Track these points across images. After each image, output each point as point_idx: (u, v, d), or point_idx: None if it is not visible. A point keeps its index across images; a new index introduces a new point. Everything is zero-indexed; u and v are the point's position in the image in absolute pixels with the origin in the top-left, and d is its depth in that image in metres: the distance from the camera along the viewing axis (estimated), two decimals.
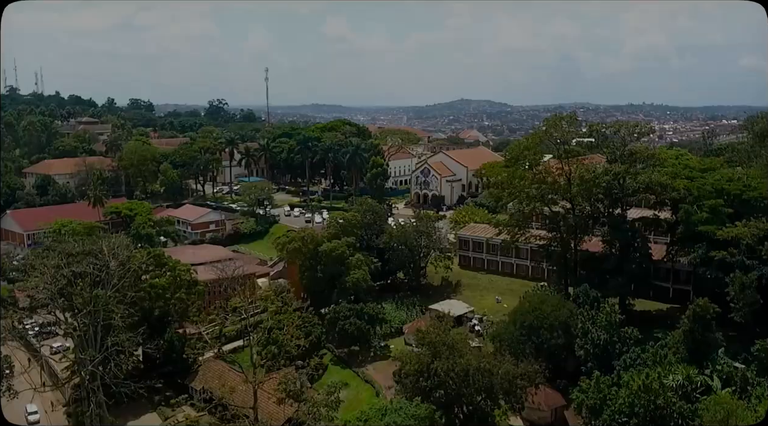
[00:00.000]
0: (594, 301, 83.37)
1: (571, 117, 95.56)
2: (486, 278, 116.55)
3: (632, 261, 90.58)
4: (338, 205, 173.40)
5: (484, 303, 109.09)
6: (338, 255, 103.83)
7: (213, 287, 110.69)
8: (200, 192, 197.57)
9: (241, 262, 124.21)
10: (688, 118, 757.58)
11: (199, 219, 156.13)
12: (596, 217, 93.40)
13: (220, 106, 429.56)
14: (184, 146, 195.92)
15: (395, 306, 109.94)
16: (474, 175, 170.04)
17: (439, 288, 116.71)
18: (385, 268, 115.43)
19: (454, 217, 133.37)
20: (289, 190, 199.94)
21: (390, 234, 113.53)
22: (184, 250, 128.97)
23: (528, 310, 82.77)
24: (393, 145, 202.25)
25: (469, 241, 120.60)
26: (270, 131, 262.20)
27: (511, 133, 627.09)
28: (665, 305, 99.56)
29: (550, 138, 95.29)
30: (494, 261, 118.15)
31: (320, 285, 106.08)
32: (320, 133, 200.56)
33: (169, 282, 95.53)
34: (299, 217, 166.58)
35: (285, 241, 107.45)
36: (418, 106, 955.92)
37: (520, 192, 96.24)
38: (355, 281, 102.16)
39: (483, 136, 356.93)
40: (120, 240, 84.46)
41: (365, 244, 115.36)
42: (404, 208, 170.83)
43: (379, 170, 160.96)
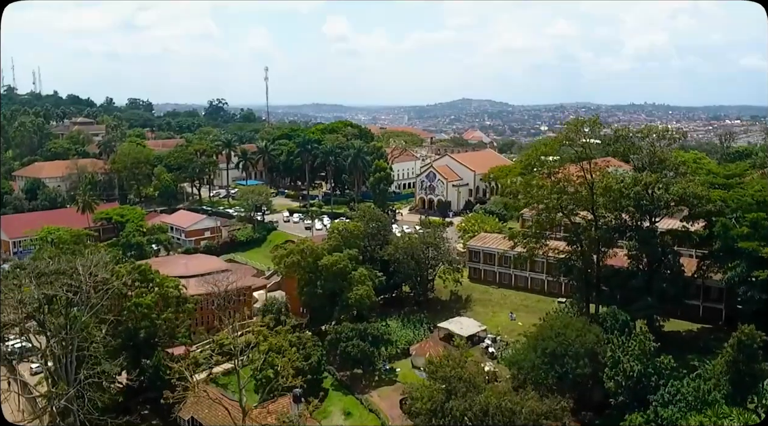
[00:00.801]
0: (623, 326, 74.82)
1: (594, 121, 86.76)
2: (498, 293, 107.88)
3: (662, 279, 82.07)
4: (339, 210, 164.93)
5: (497, 320, 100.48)
6: (340, 269, 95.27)
7: (205, 303, 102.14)
8: (196, 196, 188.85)
9: (236, 273, 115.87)
10: (691, 118, 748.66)
11: (194, 226, 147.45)
12: (622, 229, 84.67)
13: (219, 105, 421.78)
14: (179, 148, 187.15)
15: (401, 323, 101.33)
16: (481, 180, 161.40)
17: (447, 303, 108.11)
18: (390, 281, 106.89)
19: (463, 226, 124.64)
20: (288, 195, 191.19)
21: (395, 245, 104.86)
22: (176, 261, 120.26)
23: (551, 335, 74.07)
24: (396, 147, 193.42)
25: (480, 253, 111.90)
26: (269, 132, 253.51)
27: (512, 133, 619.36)
28: (695, 325, 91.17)
29: (571, 143, 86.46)
30: (507, 274, 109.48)
31: (320, 301, 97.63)
32: (321, 135, 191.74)
33: (156, 300, 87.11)
34: (299, 223, 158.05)
35: (282, 254, 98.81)
36: (419, 105, 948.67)
37: (538, 202, 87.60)
38: (358, 298, 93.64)
39: (486, 137, 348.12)
40: (98, 257, 75.78)
41: (368, 256, 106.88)
42: (409, 214, 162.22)
43: (383, 174, 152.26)
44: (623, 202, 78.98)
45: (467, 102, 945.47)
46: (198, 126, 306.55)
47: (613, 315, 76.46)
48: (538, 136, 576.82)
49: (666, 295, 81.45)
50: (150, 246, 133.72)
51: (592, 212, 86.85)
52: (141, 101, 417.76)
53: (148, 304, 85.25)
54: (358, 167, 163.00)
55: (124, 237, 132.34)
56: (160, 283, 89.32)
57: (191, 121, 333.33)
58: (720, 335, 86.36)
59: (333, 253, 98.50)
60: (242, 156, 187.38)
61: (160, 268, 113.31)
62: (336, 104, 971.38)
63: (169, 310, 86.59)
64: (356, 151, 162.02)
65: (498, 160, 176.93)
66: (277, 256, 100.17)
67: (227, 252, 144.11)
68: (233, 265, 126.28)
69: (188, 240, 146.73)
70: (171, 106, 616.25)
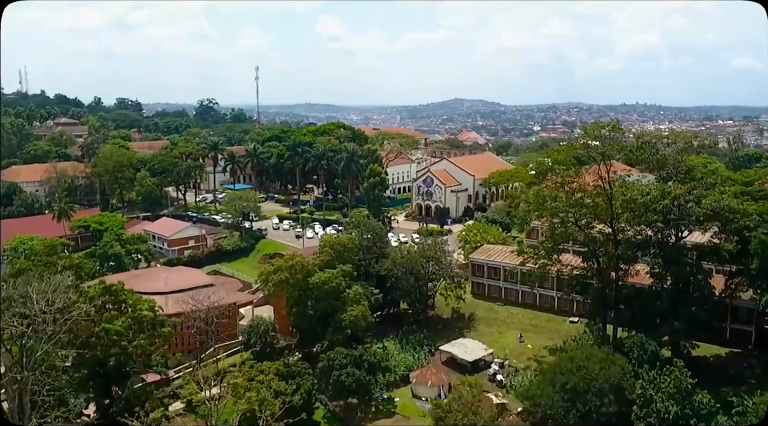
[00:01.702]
0: (653, 357, 66.03)
1: (614, 125, 77.76)
2: (504, 311, 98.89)
3: (691, 301, 73.38)
4: (332, 217, 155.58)
5: (503, 342, 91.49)
6: (332, 288, 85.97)
7: (186, 323, 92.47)
8: (182, 201, 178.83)
9: (221, 288, 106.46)
10: (683, 118, 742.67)
11: (176, 234, 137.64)
12: (644, 245, 75.81)
13: (210, 105, 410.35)
14: (163, 151, 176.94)
15: (399, 345, 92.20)
16: (481, 185, 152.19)
17: (449, 322, 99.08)
18: (387, 298, 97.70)
19: (464, 236, 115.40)
20: (278, 199, 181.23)
21: (393, 260, 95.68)
22: (156, 275, 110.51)
23: (571, 368, 65.08)
24: (391, 150, 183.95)
25: (484, 267, 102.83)
26: (259, 133, 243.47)
27: (505, 133, 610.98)
28: (723, 350, 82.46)
29: (589, 150, 77.52)
30: (513, 290, 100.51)
31: (311, 322, 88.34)
32: (312, 137, 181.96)
33: (128, 324, 77.56)
34: (289, 230, 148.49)
35: (269, 270, 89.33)
36: (412, 105, 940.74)
37: (553, 215, 78.70)
38: (352, 320, 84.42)
39: (481, 138, 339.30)
40: (57, 281, 66.09)
41: (363, 271, 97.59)
42: (405, 221, 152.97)
43: (377, 180, 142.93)
44: (650, 217, 70.07)
45: (459, 102, 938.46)
46: (186, 127, 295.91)
47: (641, 344, 67.64)
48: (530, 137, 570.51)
49: (695, 320, 72.78)
50: (129, 257, 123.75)
51: (610, 226, 78.08)
52: (129, 101, 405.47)
53: (119, 330, 75.77)
54: (352, 172, 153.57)
55: (101, 248, 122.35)
56: (133, 304, 79.76)
57: (180, 121, 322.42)
58: (752, 361, 78.32)
59: (325, 269, 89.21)
60: (229, 159, 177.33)
61: (138, 283, 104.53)
62: (328, 104, 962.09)
63: (141, 336, 76.97)
64: (349, 155, 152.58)
65: (498, 163, 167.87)
66: (263, 273, 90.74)
67: (212, 262, 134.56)
68: (218, 278, 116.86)
69: (171, 249, 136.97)
70: (162, 105, 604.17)
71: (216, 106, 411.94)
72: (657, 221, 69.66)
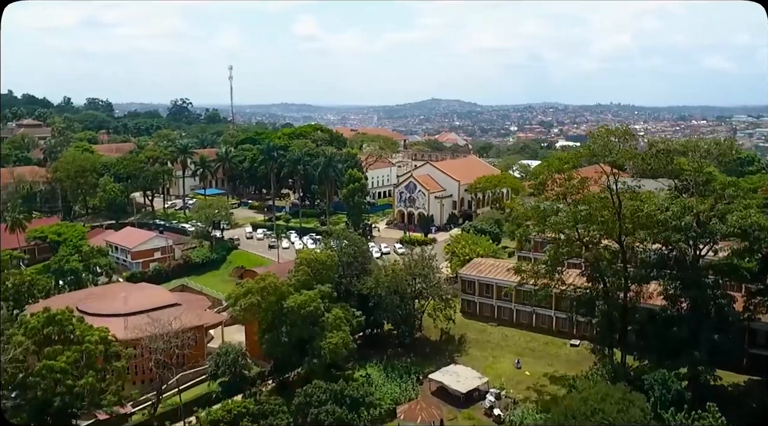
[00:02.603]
0: (678, 397, 57.26)
1: (626, 130, 69.00)
2: (497, 332, 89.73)
3: (712, 328, 64.75)
4: (309, 225, 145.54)
5: (499, 368, 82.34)
6: (309, 313, 76.14)
7: (146, 349, 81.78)
8: (149, 208, 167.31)
9: (188, 307, 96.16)
10: (657, 118, 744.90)
11: (141, 246, 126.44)
12: (660, 265, 67.15)
13: (183, 105, 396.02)
14: (128, 156, 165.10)
15: (383, 372, 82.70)
16: (466, 191, 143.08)
17: (438, 344, 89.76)
18: (370, 318, 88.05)
19: (451, 248, 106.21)
20: (252, 206, 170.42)
21: (376, 279, 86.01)
22: (116, 294, 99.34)
23: (585, 411, 55.95)
24: (371, 154, 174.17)
25: (475, 283, 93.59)
26: (233, 134, 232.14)
27: (482, 134, 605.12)
28: (741, 377, 74.00)
29: (598, 158, 68.67)
30: (507, 309, 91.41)
31: (286, 350, 78.45)
32: (288, 141, 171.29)
33: (75, 359, 67.19)
34: (263, 240, 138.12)
35: (238, 293, 79.04)
36: (389, 105, 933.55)
37: (556, 231, 69.74)
38: (332, 348, 74.72)
39: (462, 140, 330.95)
40: None
41: (343, 289, 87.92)
42: (386, 229, 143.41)
43: (357, 185, 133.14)
44: (669, 235, 61.32)
45: (436, 102, 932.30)
46: (157, 128, 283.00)
47: (663, 381, 58.79)
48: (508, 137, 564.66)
49: (717, 349, 64.24)
50: (86, 273, 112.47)
51: (619, 243, 69.32)
52: (100, 101, 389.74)
53: (63, 367, 65.44)
54: (330, 177, 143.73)
55: (56, 262, 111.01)
56: (80, 336, 69.29)
57: (151, 122, 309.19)
58: None
59: (301, 290, 79.37)
60: (200, 163, 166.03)
61: (94, 304, 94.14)
62: (305, 104, 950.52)
63: (90, 372, 66.50)
64: (327, 160, 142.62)
65: (483, 168, 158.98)
66: (231, 295, 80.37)
67: (180, 276, 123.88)
68: (184, 296, 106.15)
69: (135, 262, 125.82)
70: (137, 105, 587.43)
71: (190, 106, 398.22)
72: (679, 241, 60.95)
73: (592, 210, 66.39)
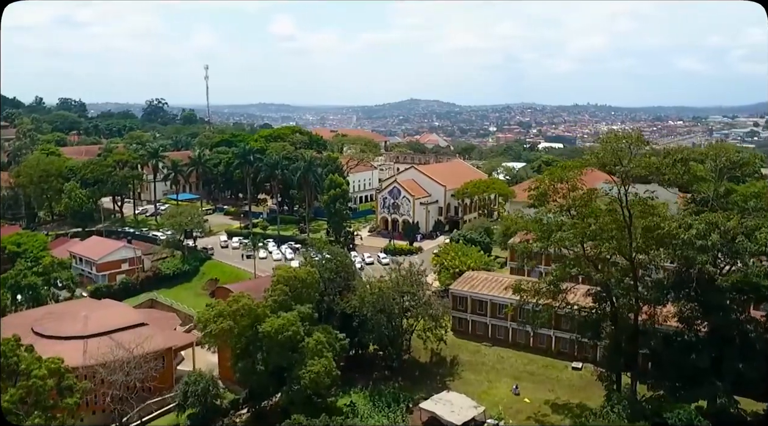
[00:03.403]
0: None
1: (638, 136, 61.95)
2: (492, 353, 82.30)
3: (737, 355, 57.96)
4: (287, 232, 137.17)
5: (495, 394, 74.85)
6: (288, 338, 68.10)
7: (107, 376, 73.07)
8: (119, 214, 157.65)
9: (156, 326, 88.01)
10: (634, 118, 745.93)
11: (107, 257, 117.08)
12: (679, 287, 60.20)
13: (159, 106, 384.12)
14: (95, 160, 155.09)
15: (370, 401, 74.84)
16: (453, 196, 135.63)
17: (428, 367, 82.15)
18: (354, 339, 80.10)
19: (440, 260, 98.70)
20: (227, 211, 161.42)
21: (361, 297, 78.18)
22: (76, 312, 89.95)
23: None
24: (352, 158, 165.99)
25: (467, 299, 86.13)
26: (208, 136, 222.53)
27: (462, 134, 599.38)
28: (760, 405, 67.10)
29: (607, 165, 61.59)
30: (502, 327, 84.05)
31: (261, 379, 70.33)
32: (265, 143, 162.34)
33: (21, 397, 58.56)
34: (239, 248, 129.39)
35: (208, 316, 70.58)
36: (368, 105, 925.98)
37: (562, 247, 62.55)
38: (314, 377, 66.75)
39: (443, 141, 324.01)
40: None
41: (325, 307, 80.00)
42: (369, 237, 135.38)
43: (338, 191, 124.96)
44: (692, 255, 54.28)
45: (415, 102, 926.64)
46: (130, 129, 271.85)
47: (688, 422, 51.70)
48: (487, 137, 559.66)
49: (743, 379, 57.48)
50: (46, 289, 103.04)
51: (630, 261, 62.26)
52: (73, 101, 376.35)
53: (7, 407, 56.81)
54: (309, 182, 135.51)
55: (13, 277, 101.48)
56: (26, 369, 60.53)
57: (124, 123, 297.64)
58: None
59: (278, 312, 71.30)
60: (172, 167, 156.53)
61: (52, 324, 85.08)
62: (283, 104, 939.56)
63: (36, 413, 57.89)
64: (307, 164, 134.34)
65: (469, 171, 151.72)
66: (201, 319, 71.85)
67: (149, 289, 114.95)
68: (152, 313, 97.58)
69: (101, 275, 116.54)
70: (111, 105, 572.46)
71: (165, 106, 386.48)
72: (706, 263, 53.97)
73: (602, 225, 59.16)
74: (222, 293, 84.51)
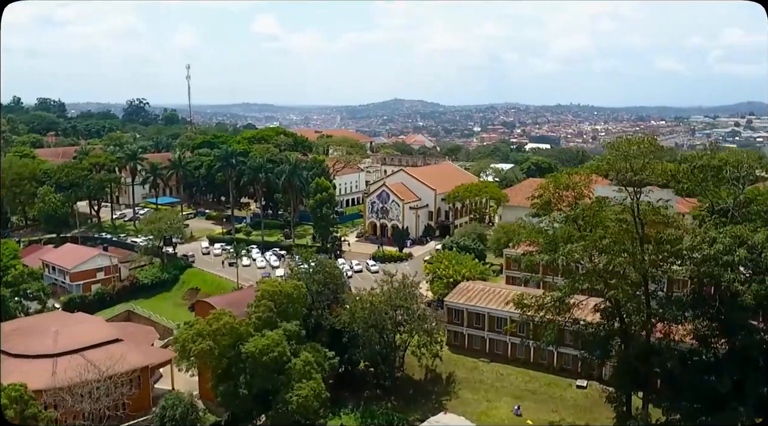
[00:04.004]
0: None
1: (650, 141, 57.13)
2: (491, 370, 77.15)
3: (761, 378, 53.28)
4: (272, 238, 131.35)
5: (495, 415, 69.88)
6: (273, 359, 62.55)
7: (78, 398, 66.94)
8: (96, 219, 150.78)
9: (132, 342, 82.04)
10: (616, 118, 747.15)
11: (81, 266, 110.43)
12: (697, 305, 55.48)
13: (140, 105, 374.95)
14: (70, 163, 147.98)
15: (361, 423, 69.60)
16: (443, 200, 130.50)
17: (423, 385, 76.90)
18: (344, 355, 74.68)
19: (432, 268, 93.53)
20: (209, 216, 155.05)
21: (351, 312, 72.83)
22: (45, 328, 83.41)
23: None
24: (338, 160, 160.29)
25: (463, 313, 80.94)
26: (190, 137, 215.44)
27: (446, 134, 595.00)
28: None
29: (617, 171, 56.72)
30: (500, 342, 78.93)
31: (245, 404, 64.67)
32: (248, 145, 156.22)
33: None
34: (221, 255, 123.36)
35: (186, 336, 64.82)
36: (352, 105, 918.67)
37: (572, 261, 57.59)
38: (302, 402, 61.27)
39: (429, 142, 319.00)
40: None
41: (313, 322, 74.48)
42: (357, 242, 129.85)
43: (325, 195, 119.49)
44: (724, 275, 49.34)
45: (399, 102, 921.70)
46: (110, 130, 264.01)
47: None
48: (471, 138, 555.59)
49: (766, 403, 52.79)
50: (17, 300, 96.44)
51: (643, 276, 57.39)
52: (52, 101, 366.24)
53: None
54: (295, 186, 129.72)
55: None
56: None
57: (103, 124, 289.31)
58: None
59: (262, 330, 65.70)
60: (150, 170, 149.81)
61: (19, 343, 78.51)
62: (266, 104, 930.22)
63: None
64: (292, 167, 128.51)
65: (459, 174, 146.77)
66: (179, 339, 66.05)
67: (126, 299, 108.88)
68: (127, 327, 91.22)
69: (74, 284, 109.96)
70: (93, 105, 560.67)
71: (147, 106, 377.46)
72: (733, 280, 49.13)
73: (615, 236, 54.26)
74: (202, 308, 78.58)
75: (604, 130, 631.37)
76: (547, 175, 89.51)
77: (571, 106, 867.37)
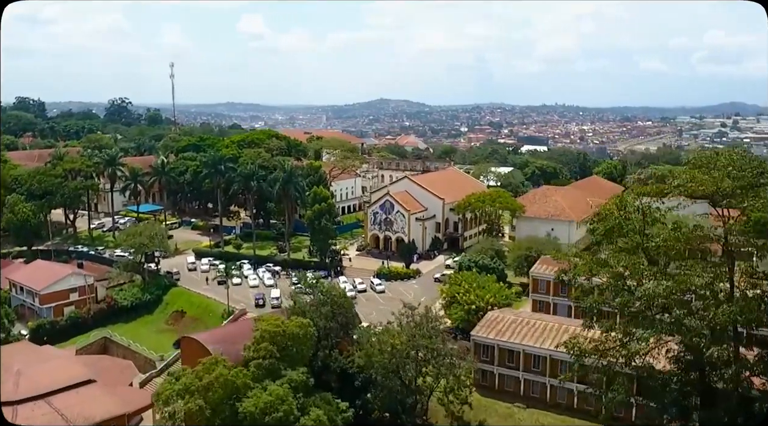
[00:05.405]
0: None
1: (743, 155, 45.99)
2: (528, 417, 65.50)
3: None
4: (264, 251, 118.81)
5: None
6: (278, 420, 50.40)
7: None
8: (71, 230, 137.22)
9: (106, 381, 70.11)
10: (602, 119, 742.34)
11: (52, 287, 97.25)
12: None
13: (122, 105, 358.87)
14: (43, 169, 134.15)
15: None
16: (452, 210, 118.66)
17: None
18: (356, 401, 62.70)
19: (451, 292, 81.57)
20: (195, 225, 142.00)
21: (367, 355, 60.86)
22: (8, 365, 70.08)
23: None
24: (335, 165, 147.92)
25: (494, 349, 69.25)
26: (174, 138, 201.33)
27: (433, 135, 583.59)
28: None
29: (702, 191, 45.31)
30: (538, 384, 67.36)
31: None
32: (237, 150, 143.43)
33: None
34: (209, 271, 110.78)
35: (169, 391, 52.43)
36: (338, 105, 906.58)
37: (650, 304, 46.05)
38: None
39: (422, 143, 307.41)
40: None
41: (319, 363, 62.41)
42: (358, 256, 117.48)
43: (324, 206, 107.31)
44: None
45: (385, 102, 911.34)
46: (90, 130, 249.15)
47: None
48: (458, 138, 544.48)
49: None
50: None
51: (733, 323, 45.93)
52: (31, 100, 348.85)
53: None
54: (290, 195, 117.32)
55: None
56: None
57: (83, 124, 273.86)
58: None
59: (264, 380, 53.56)
60: (131, 177, 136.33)
61: None
62: (251, 103, 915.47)
63: None
64: (287, 175, 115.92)
65: (466, 181, 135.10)
66: (161, 394, 53.54)
67: (103, 324, 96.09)
68: (103, 363, 78.73)
69: (45, 307, 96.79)
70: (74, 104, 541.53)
71: (129, 105, 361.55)
72: None
73: (712, 276, 42.89)
74: (189, 347, 66.22)
75: (591, 131, 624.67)
76: (552, 180, 77.71)
77: (556, 106, 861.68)
